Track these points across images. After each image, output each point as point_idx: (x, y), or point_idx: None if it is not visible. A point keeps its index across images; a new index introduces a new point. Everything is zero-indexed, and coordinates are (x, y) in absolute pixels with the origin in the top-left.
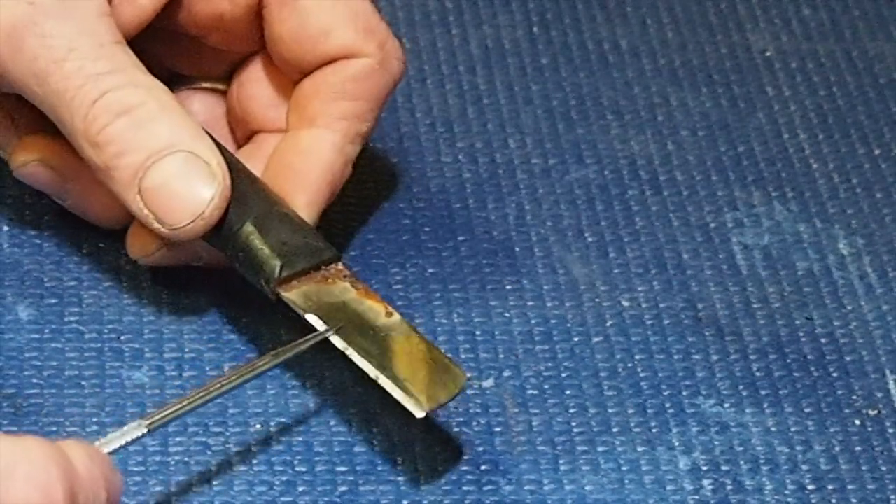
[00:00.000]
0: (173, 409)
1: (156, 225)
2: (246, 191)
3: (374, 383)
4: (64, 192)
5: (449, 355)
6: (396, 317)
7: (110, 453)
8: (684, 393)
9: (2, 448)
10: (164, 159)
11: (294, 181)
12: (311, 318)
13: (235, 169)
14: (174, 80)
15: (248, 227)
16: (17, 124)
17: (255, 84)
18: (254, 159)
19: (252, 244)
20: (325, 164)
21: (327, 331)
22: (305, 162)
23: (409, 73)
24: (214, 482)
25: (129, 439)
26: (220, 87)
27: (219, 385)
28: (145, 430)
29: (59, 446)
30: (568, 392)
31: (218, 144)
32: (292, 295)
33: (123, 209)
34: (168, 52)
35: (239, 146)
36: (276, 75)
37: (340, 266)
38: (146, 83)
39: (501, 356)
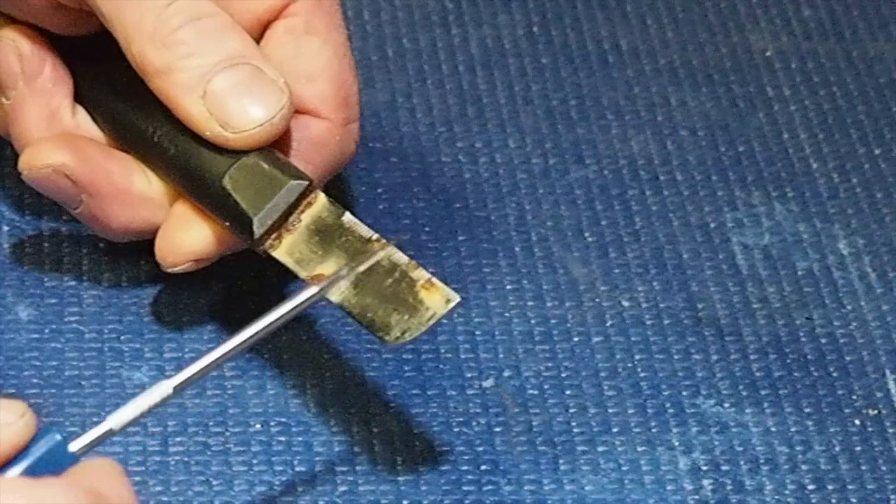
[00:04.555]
0: (198, 367)
1: (217, 129)
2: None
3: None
4: (77, 201)
5: (438, 282)
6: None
7: (139, 417)
8: (684, 393)
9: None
10: (234, 67)
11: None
12: (302, 275)
13: None
14: None
15: (223, 185)
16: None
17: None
18: None
19: (230, 208)
20: None
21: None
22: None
23: (409, 73)
24: (214, 482)
25: (156, 401)
26: None
27: (241, 339)
28: (171, 392)
29: (89, 489)
30: (568, 392)
31: None
32: (279, 253)
33: (137, 221)
34: None
35: None
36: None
37: (319, 193)
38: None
39: (501, 356)
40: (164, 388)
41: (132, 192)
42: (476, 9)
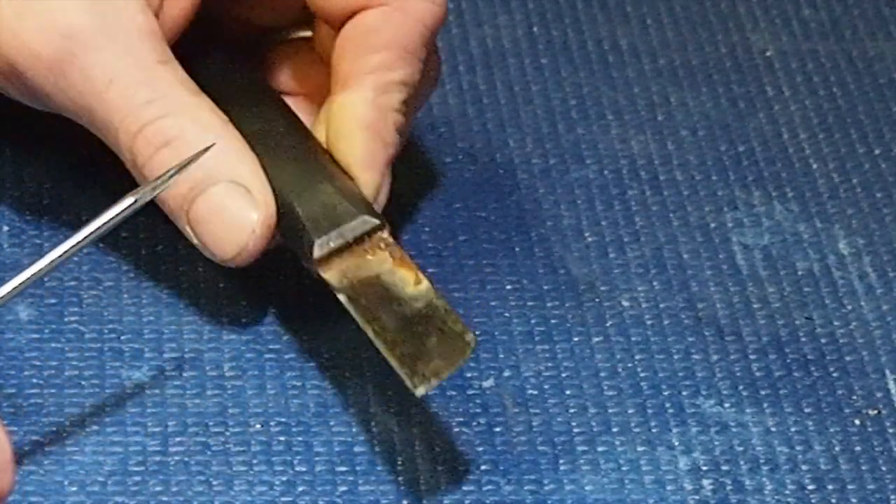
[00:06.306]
0: (15, 283)
1: (208, 254)
2: (294, 163)
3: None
4: None
5: (461, 322)
6: (424, 284)
7: None
8: (684, 393)
9: None
10: (206, 190)
11: (335, 147)
12: (342, 298)
13: (288, 142)
14: (259, 36)
15: (291, 202)
16: None
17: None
18: None
19: (293, 222)
20: (358, 121)
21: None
22: (341, 126)
23: None
24: (214, 482)
25: None
26: (306, 33)
27: (61, 251)
28: None
29: None
30: (568, 392)
31: (282, 111)
32: (330, 275)
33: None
34: (245, 7)
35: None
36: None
37: (384, 234)
38: (188, 106)
39: (501, 356)
40: None
41: None
42: (476, 9)
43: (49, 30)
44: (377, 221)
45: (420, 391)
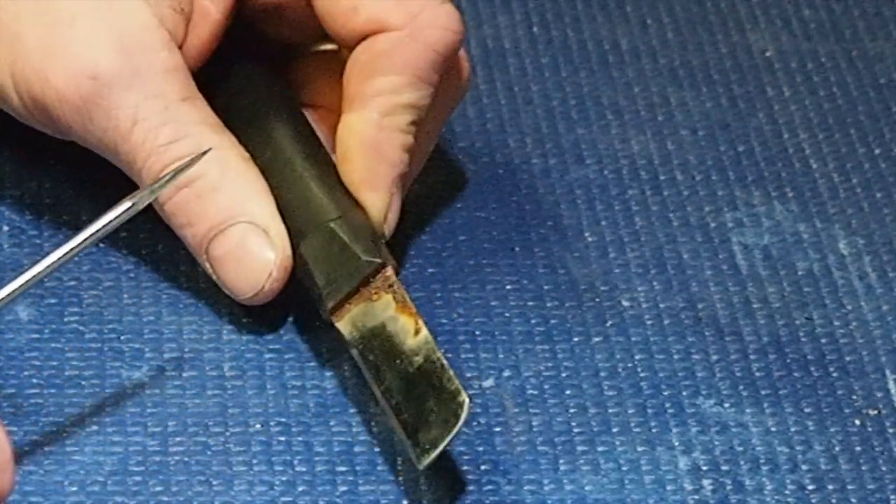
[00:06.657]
0: (19, 283)
1: (227, 292)
2: (304, 195)
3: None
4: None
5: (457, 380)
6: (422, 334)
7: None
8: (684, 393)
9: None
10: (225, 231)
11: (340, 168)
12: (354, 353)
13: (300, 171)
14: (285, 49)
15: (299, 245)
16: None
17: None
18: None
19: (303, 267)
20: (361, 141)
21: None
22: (346, 147)
23: None
24: (214, 482)
25: None
26: (332, 46)
27: (57, 256)
28: None
29: None
30: (568, 392)
31: (299, 130)
32: (342, 325)
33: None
34: (268, 24)
35: None
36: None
37: (388, 272)
38: (210, 145)
39: (501, 356)
40: None
41: None
42: (476, 9)
43: (76, 71)
44: (379, 261)
45: (423, 464)
